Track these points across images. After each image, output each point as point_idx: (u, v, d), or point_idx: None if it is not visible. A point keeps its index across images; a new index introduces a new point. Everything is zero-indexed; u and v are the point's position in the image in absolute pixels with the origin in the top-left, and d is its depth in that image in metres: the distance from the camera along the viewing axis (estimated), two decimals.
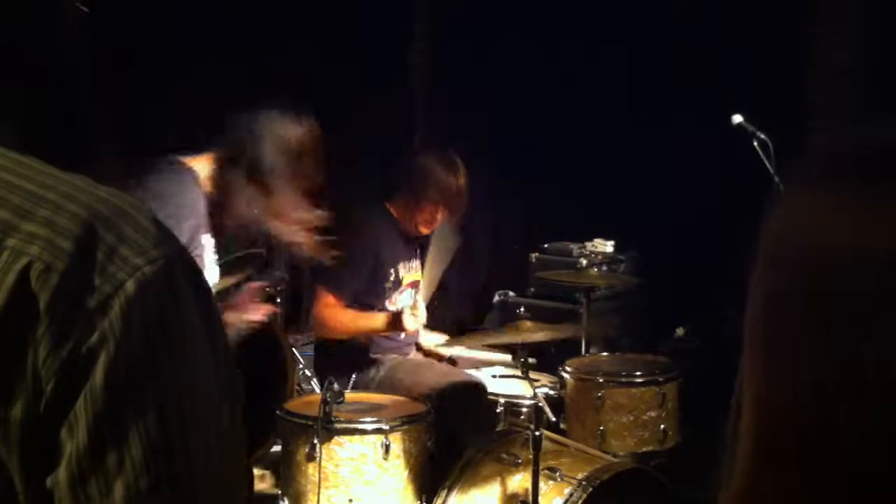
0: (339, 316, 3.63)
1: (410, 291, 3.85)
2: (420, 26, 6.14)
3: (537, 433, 2.85)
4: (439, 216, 3.76)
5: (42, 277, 0.68)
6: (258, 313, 3.02)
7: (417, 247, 3.94)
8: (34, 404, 0.68)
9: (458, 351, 3.88)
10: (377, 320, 3.65)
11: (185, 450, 0.72)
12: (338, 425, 2.93)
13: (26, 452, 0.68)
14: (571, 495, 2.84)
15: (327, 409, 2.90)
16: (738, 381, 0.65)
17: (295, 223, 2.70)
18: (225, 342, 0.79)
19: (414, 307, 3.61)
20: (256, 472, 3.63)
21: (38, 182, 0.72)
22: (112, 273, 0.70)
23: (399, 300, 3.81)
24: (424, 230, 3.80)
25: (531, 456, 2.85)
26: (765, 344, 0.62)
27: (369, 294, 3.71)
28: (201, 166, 2.62)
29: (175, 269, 0.73)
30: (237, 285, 4.03)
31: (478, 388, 3.53)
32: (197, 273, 0.76)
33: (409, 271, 3.85)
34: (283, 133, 2.71)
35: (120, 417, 0.69)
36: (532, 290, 5.18)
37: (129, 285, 0.70)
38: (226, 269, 3.91)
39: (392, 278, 3.76)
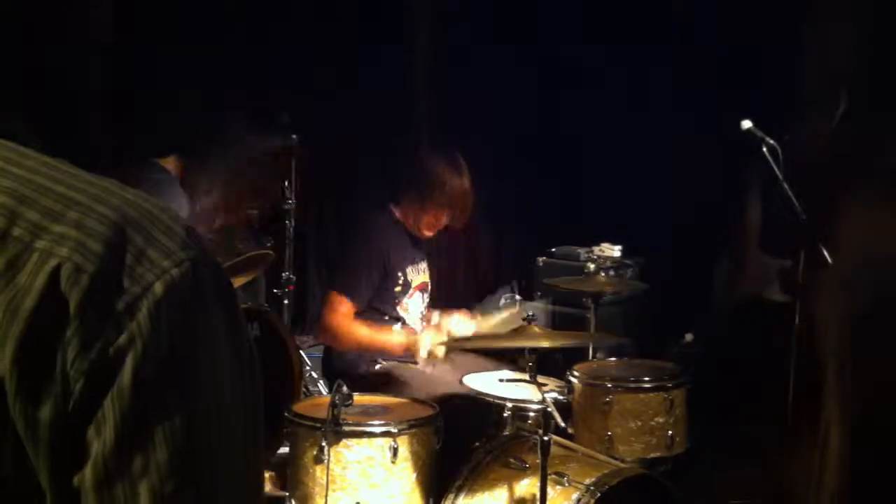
0: (353, 330, 3.61)
1: (420, 294, 3.85)
2: (420, 26, 6.15)
3: (545, 438, 2.85)
4: (444, 220, 3.77)
5: (72, 279, 0.68)
6: None
7: (424, 249, 3.94)
8: (63, 405, 0.68)
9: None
10: (392, 342, 3.63)
11: (211, 452, 0.72)
12: (346, 428, 2.92)
13: (54, 452, 0.69)
14: (579, 501, 2.84)
15: (335, 412, 2.89)
16: (823, 398, 0.64)
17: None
18: (248, 344, 0.79)
19: (435, 333, 3.59)
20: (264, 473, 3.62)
21: (68, 184, 0.73)
22: (140, 275, 0.70)
23: (409, 304, 3.80)
24: (428, 233, 3.80)
25: (539, 461, 2.84)
26: (854, 362, 0.62)
27: (379, 300, 3.71)
28: (171, 167, 2.62)
29: (201, 272, 0.73)
30: (246, 286, 4.03)
31: (469, 401, 3.48)
32: (221, 275, 0.77)
33: (418, 274, 3.84)
34: (249, 137, 2.74)
35: (147, 418, 0.69)
36: (539, 294, 5.18)
37: (157, 287, 0.70)
38: (233, 269, 3.93)
39: (401, 282, 3.75)
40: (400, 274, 3.75)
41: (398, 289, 3.75)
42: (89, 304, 0.68)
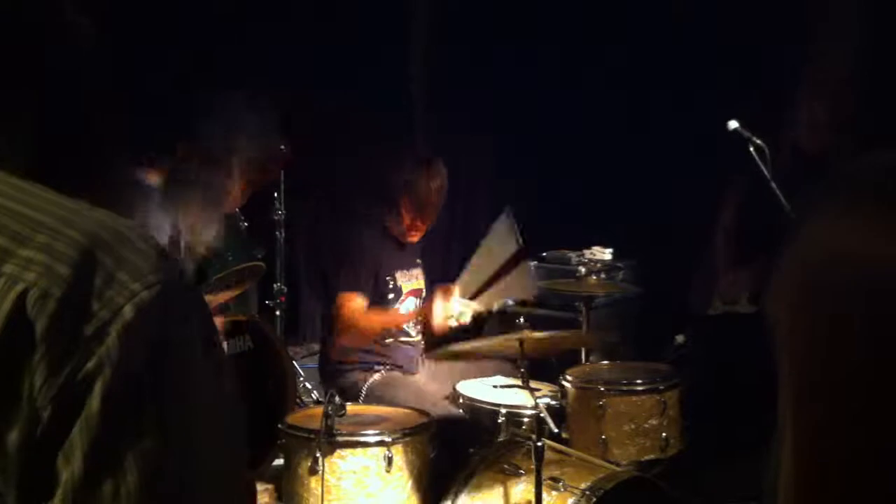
0: (372, 319, 3.65)
1: (413, 300, 3.85)
2: (418, 26, 6.15)
3: (539, 443, 2.85)
4: (418, 225, 3.76)
5: (39, 304, 0.67)
6: None
7: (418, 256, 3.94)
8: (31, 432, 0.67)
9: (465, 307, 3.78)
10: (405, 315, 3.69)
11: (183, 479, 0.71)
12: (340, 438, 2.92)
13: (23, 481, 0.67)
14: None
15: (329, 422, 2.89)
16: (779, 406, 0.64)
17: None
18: (224, 365, 0.78)
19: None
20: (259, 486, 3.62)
21: (38, 207, 0.72)
22: (110, 298, 0.69)
23: (401, 310, 3.80)
24: (411, 238, 3.80)
25: (533, 466, 2.85)
26: (810, 370, 0.62)
27: (371, 304, 3.71)
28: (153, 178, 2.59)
29: (172, 294, 0.72)
30: (238, 298, 4.01)
31: (450, 421, 3.43)
32: (195, 297, 0.76)
33: (410, 280, 3.84)
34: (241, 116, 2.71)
35: (116, 445, 0.68)
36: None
37: (127, 310, 0.69)
38: (224, 282, 3.92)
39: (391, 287, 3.75)
40: (389, 279, 3.75)
41: (391, 295, 3.76)
42: (56, 329, 0.67)
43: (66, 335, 0.68)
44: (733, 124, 3.82)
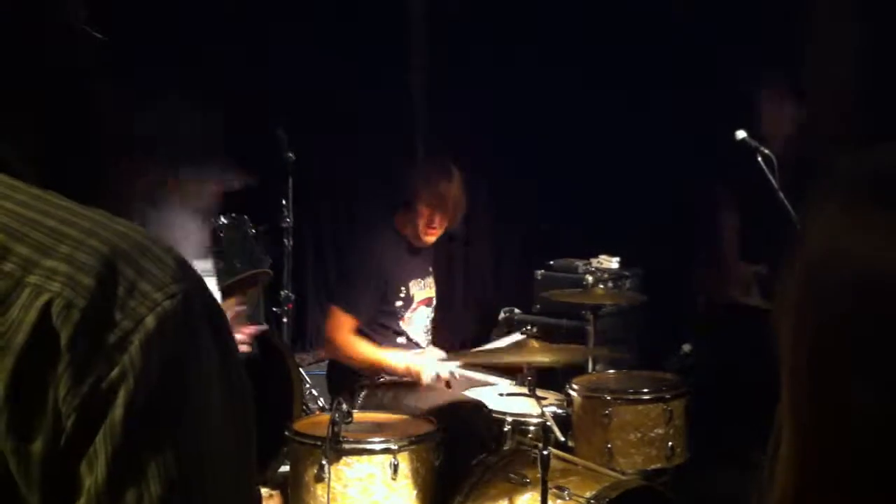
0: (354, 345, 3.63)
1: (424, 309, 3.85)
2: (418, 26, 6.17)
3: (545, 452, 2.85)
4: (437, 222, 3.75)
5: (63, 314, 0.68)
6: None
7: (430, 264, 3.94)
8: (55, 440, 0.68)
9: (457, 370, 3.82)
10: (392, 364, 3.63)
11: (202, 486, 0.72)
12: (346, 445, 2.93)
13: (47, 488, 0.68)
14: None
15: (335, 430, 2.90)
16: (778, 410, 0.65)
17: None
18: (241, 376, 0.79)
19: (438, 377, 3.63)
20: (264, 492, 3.62)
21: (59, 217, 0.73)
22: (132, 308, 0.70)
23: (412, 318, 3.80)
24: (428, 238, 3.79)
25: (539, 475, 2.85)
26: (809, 372, 0.62)
27: (381, 314, 3.71)
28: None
29: (192, 304, 0.73)
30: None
31: (477, 407, 3.49)
32: (215, 308, 0.77)
33: (423, 289, 3.84)
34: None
35: (139, 453, 0.69)
36: (538, 307, 5.19)
37: (149, 320, 0.70)
38: (231, 290, 3.92)
39: (403, 296, 3.75)
40: (402, 288, 3.75)
41: (399, 303, 3.75)
42: (80, 338, 0.68)
43: (90, 345, 0.69)
44: (741, 134, 3.82)
